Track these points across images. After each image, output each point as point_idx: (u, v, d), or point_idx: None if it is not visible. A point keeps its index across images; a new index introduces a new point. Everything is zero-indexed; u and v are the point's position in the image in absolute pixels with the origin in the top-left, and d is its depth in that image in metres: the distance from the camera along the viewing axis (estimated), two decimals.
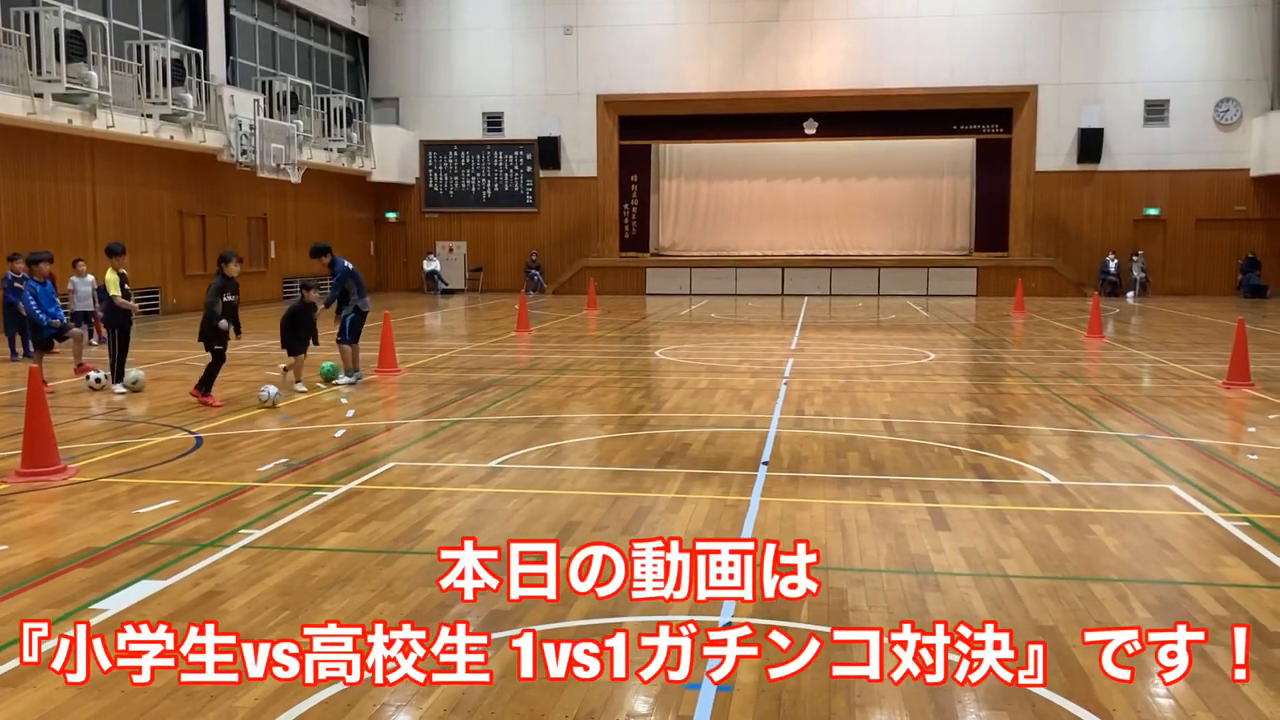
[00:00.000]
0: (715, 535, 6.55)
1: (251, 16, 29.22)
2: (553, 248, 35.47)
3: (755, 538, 6.43)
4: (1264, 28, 31.76)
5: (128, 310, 12.80)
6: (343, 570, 5.89)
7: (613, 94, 34.43)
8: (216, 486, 7.83)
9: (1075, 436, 9.86)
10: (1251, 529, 6.69)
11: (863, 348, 18.12)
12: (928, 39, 32.82)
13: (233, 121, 25.55)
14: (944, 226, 35.75)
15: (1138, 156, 32.74)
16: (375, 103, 35.57)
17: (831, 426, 10.36)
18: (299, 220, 31.42)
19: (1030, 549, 6.30)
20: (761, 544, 4.32)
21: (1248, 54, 31.97)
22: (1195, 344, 18.19)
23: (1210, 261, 33.11)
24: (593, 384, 13.52)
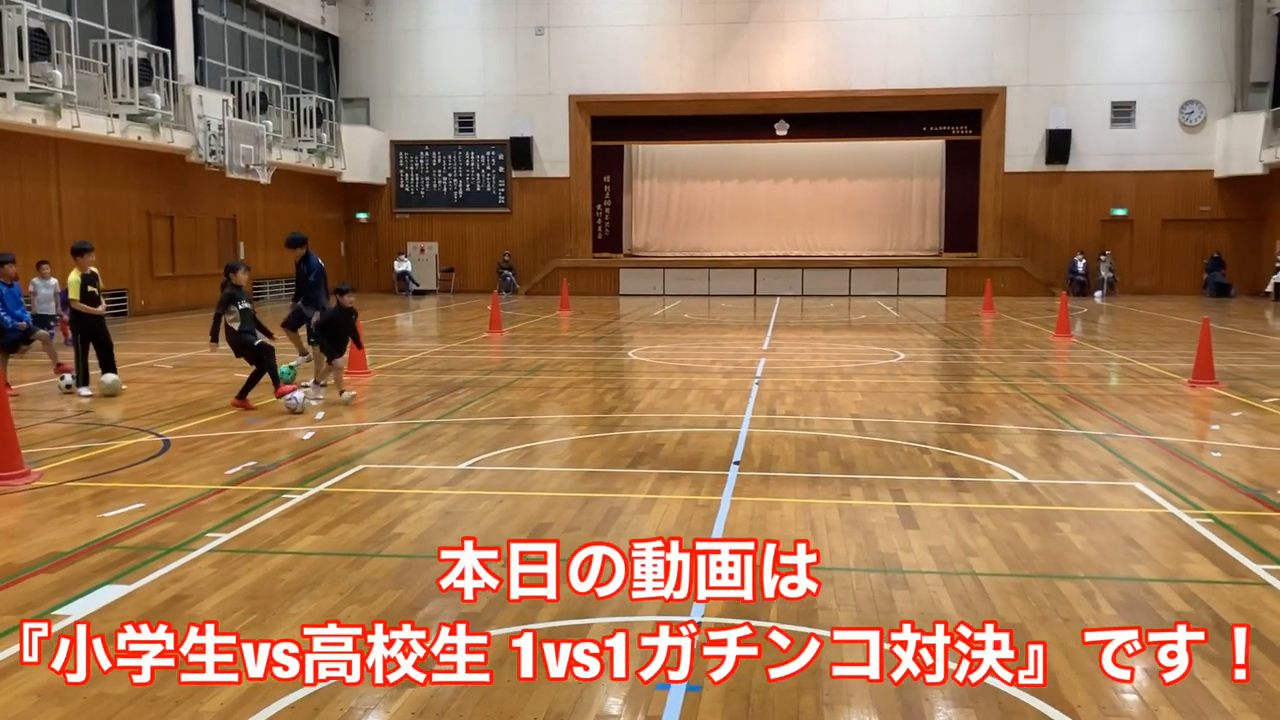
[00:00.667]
0: (687, 535, 6.56)
1: (220, 16, 29.00)
2: (525, 248, 35.41)
3: (755, 537, 6.45)
4: (1227, 31, 32.16)
5: (89, 313, 12.40)
6: (311, 573, 5.86)
7: (585, 94, 34.42)
8: (183, 490, 7.77)
9: (1043, 435, 9.95)
10: (1215, 525, 6.77)
11: (834, 348, 18.20)
12: (897, 41, 33.02)
13: (201, 122, 25.34)
14: (914, 227, 36.01)
15: (1105, 158, 33.09)
16: (345, 103, 35.39)
17: (802, 426, 10.40)
18: (269, 221, 31.20)
19: (998, 547, 6.34)
20: (762, 544, 4.33)
21: (1211, 57, 32.37)
22: (1162, 343, 18.39)
23: (1176, 261, 33.50)
24: (565, 385, 13.51)
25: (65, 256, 22.14)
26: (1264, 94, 32.10)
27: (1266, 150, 30.85)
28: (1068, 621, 5.11)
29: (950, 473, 8.35)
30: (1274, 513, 7.08)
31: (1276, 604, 5.36)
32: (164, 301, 26.08)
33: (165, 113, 23.96)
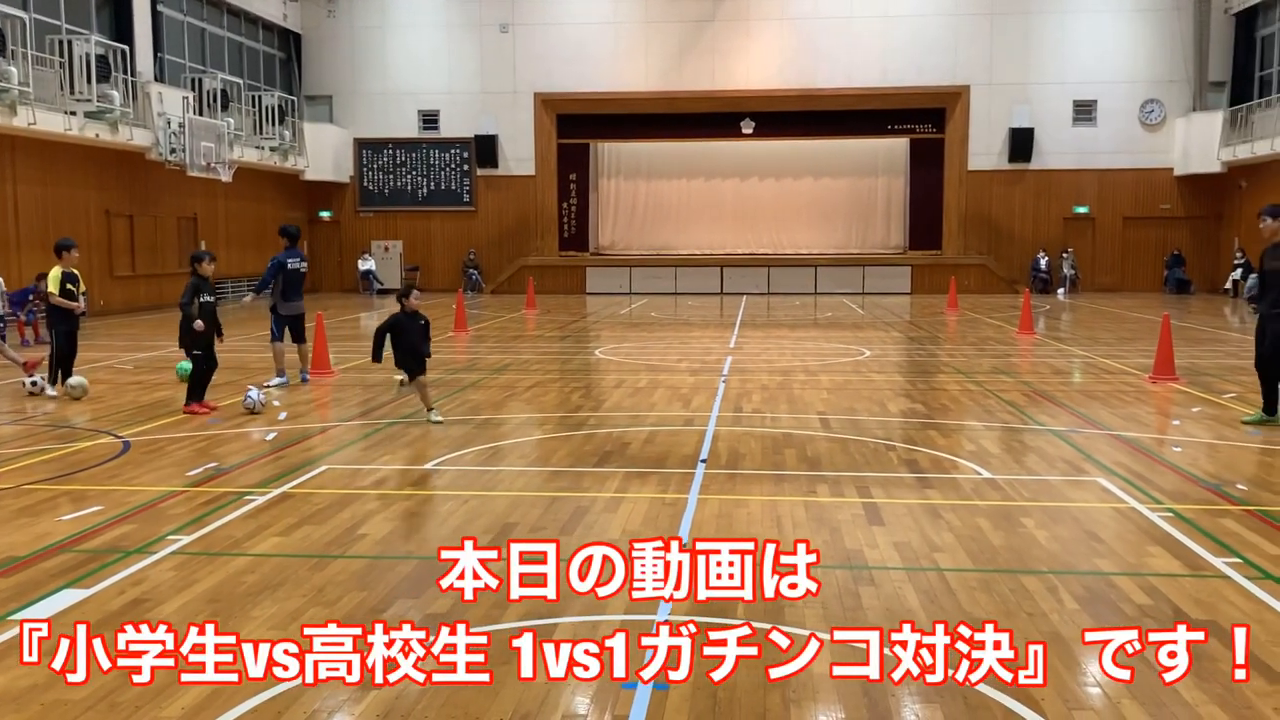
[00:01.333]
0: (653, 534, 6.55)
1: (180, 12, 28.65)
2: (491, 247, 35.28)
3: (754, 538, 6.44)
4: (1186, 31, 32.58)
5: (69, 310, 12.16)
6: (274, 575, 5.79)
7: (550, 92, 34.34)
8: (144, 492, 7.66)
9: (1007, 431, 10.02)
10: (1175, 519, 6.84)
11: (800, 345, 18.26)
12: (861, 40, 33.19)
13: (161, 119, 25.04)
14: (879, 225, 36.21)
15: (1067, 156, 33.43)
16: (308, 100, 35.09)
17: (769, 424, 10.42)
18: (230, 220, 30.89)
19: (963, 542, 6.38)
20: (762, 543, 4.32)
21: (1170, 57, 32.79)
22: (1123, 339, 18.59)
23: (1137, 258, 33.90)
24: (531, 384, 13.45)
25: (21, 256, 21.93)
26: (1222, 93, 32.55)
27: (1224, 149, 31.28)
28: (1032, 616, 5.14)
29: (915, 469, 8.39)
30: (1233, 506, 7.17)
31: (1235, 596, 5.42)
32: (124, 301, 25.74)
33: (124, 110, 23.65)
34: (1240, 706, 4.16)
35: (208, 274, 11.26)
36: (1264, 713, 4.13)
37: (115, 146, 24.25)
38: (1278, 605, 5.27)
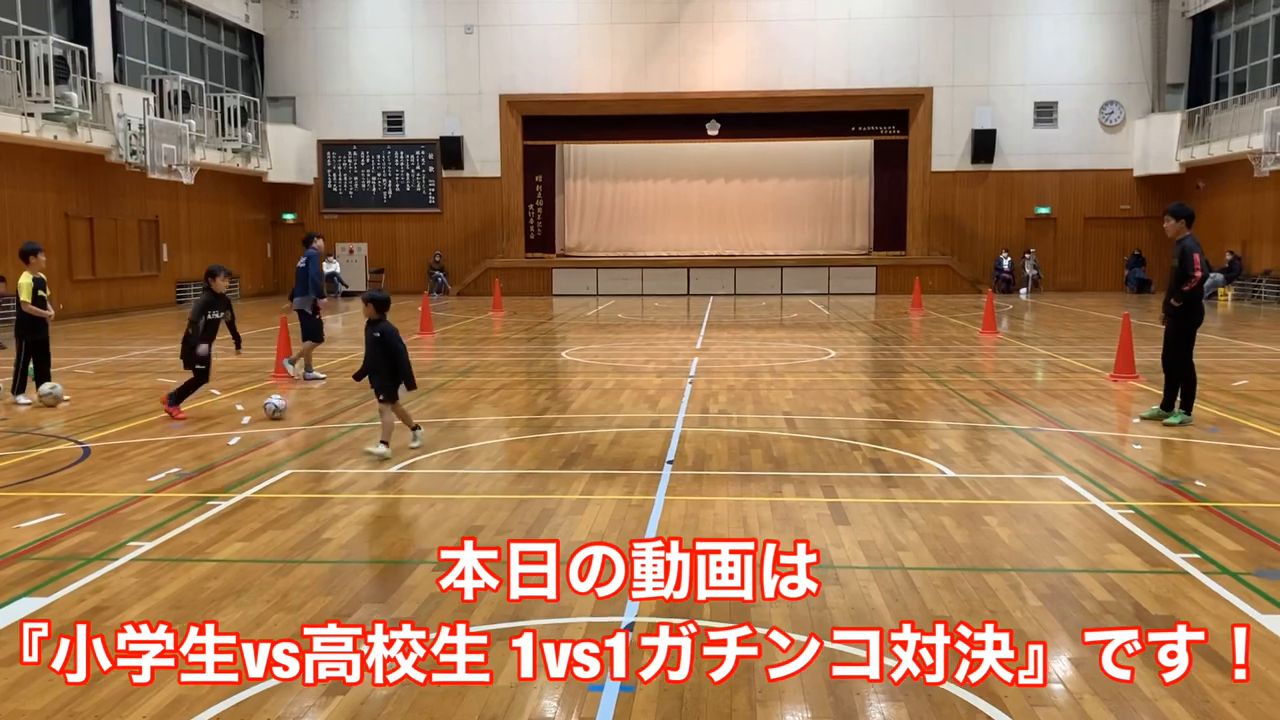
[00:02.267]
0: (620, 536, 6.55)
1: (139, 13, 28.33)
2: (457, 249, 35.14)
3: (755, 537, 6.44)
4: (1144, 34, 33.02)
5: (39, 317, 11.81)
6: (237, 581, 5.74)
7: (515, 94, 34.26)
8: (104, 498, 7.57)
9: (970, 430, 10.10)
10: (1136, 516, 6.93)
11: (766, 346, 18.32)
12: (825, 42, 33.37)
13: (121, 121, 24.75)
14: (844, 226, 36.42)
15: (1028, 157, 33.77)
16: (271, 102, 34.81)
17: (735, 424, 10.45)
18: (192, 222, 30.58)
19: (927, 541, 6.43)
20: (762, 543, 4.32)
21: (1129, 59, 33.22)
22: (1085, 338, 18.81)
23: (1098, 258, 34.31)
24: (498, 386, 13.42)
25: None
26: (1179, 95, 33.02)
27: (1182, 149, 31.73)
28: (995, 613, 5.19)
29: (880, 468, 8.44)
30: (1192, 503, 7.27)
31: (1194, 591, 5.50)
32: (84, 305, 25.41)
33: (83, 111, 23.35)
34: (1198, 700, 4.22)
35: (221, 290, 10.98)
36: (1221, 705, 4.19)
37: (74, 148, 23.95)
38: (1234, 600, 5.35)
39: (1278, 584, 5.58)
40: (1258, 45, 29.85)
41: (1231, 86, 30.92)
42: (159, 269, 28.99)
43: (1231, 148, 28.67)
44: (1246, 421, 10.33)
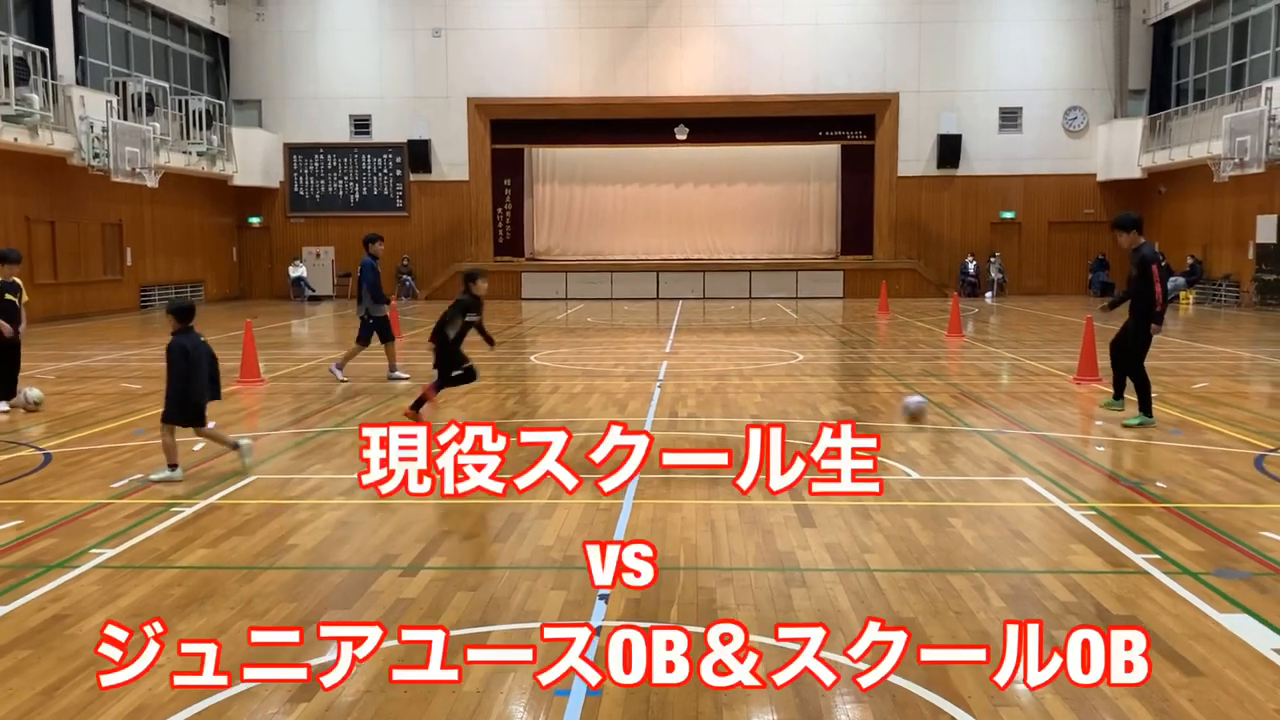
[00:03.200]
0: (588, 539, 6.56)
1: (102, 14, 28.04)
2: (425, 252, 35.01)
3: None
4: (1106, 41, 33.44)
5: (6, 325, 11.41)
6: (201, 588, 5.69)
7: (484, 98, 34.19)
8: (66, 505, 7.48)
9: (936, 433, 10.18)
10: (1098, 517, 7.01)
11: (735, 349, 18.38)
12: (792, 47, 33.54)
13: (84, 123, 24.48)
14: (811, 230, 36.61)
15: (993, 162, 34.09)
16: (237, 105, 34.55)
17: (704, 427, 10.48)
18: (157, 226, 30.29)
19: (892, 543, 6.48)
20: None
21: (1092, 65, 33.62)
22: (1049, 341, 19.00)
23: (1062, 262, 34.67)
24: (466, 390, 13.33)
25: None
26: (1141, 101, 33.45)
27: (1144, 155, 32.14)
28: (959, 614, 5.24)
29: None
30: (1153, 504, 7.37)
31: (1155, 592, 5.57)
32: (46, 310, 25.08)
33: (44, 114, 23.07)
34: (1157, 699, 4.28)
35: (481, 293, 10.70)
36: (1179, 704, 4.25)
37: (35, 151, 23.66)
38: (1194, 599, 5.43)
39: (1236, 584, 5.67)
40: (1216, 53, 30.30)
41: (1192, 93, 31.37)
42: (122, 273, 28.69)
43: (1192, 153, 29.08)
44: (1207, 423, 10.48)
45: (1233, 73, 29.18)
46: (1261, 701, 4.28)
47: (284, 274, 34.69)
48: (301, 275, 34.24)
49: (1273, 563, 6.02)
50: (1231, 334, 20.71)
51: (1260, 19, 28.04)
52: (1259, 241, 27.27)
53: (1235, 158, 25.55)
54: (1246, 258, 28.20)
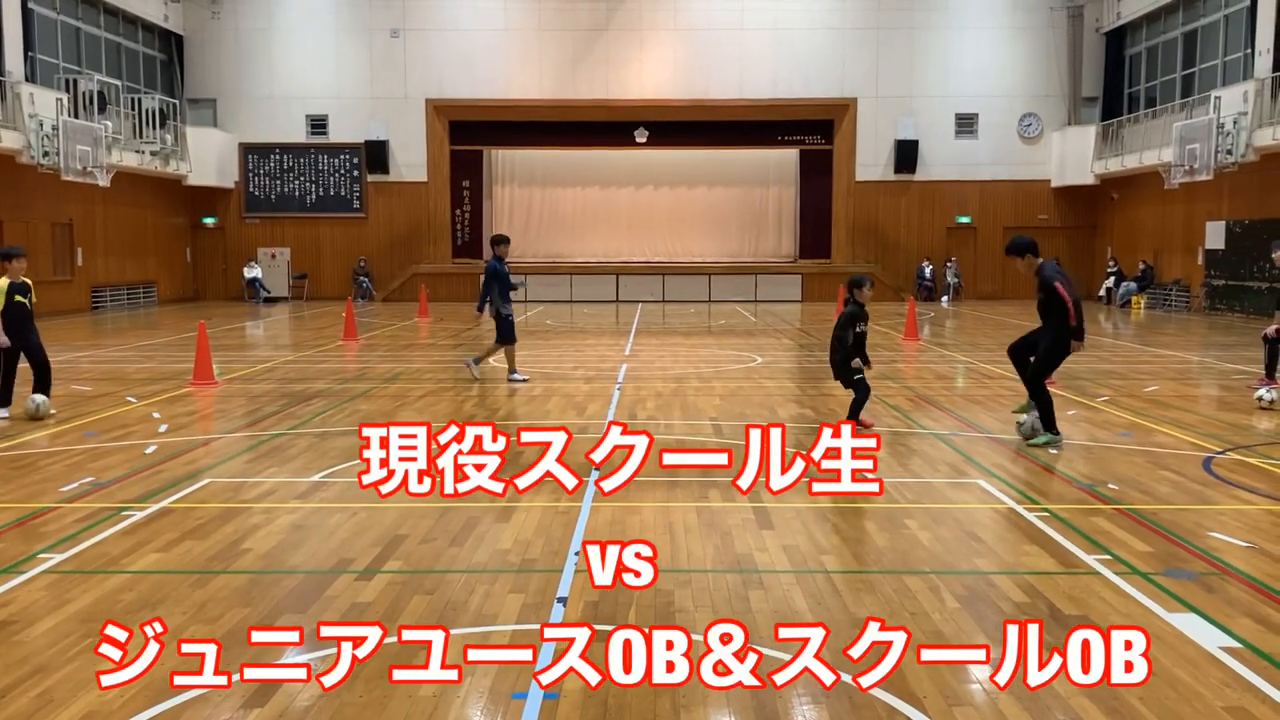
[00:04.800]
0: (546, 543, 6.54)
1: (53, 11, 27.59)
2: (382, 254, 34.78)
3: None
4: (1060, 48, 33.92)
5: (15, 329, 10.90)
6: (152, 593, 5.61)
7: (442, 99, 34.04)
8: (13, 509, 7.35)
9: (892, 435, 10.26)
10: (1051, 519, 7.10)
11: (694, 352, 18.42)
12: (752, 52, 33.70)
13: (33, 121, 24.07)
14: (770, 234, 36.80)
15: (950, 167, 34.45)
16: (191, 104, 34.13)
17: (663, 430, 10.48)
18: (108, 226, 29.85)
19: (849, 545, 6.52)
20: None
21: (1046, 73, 34.08)
22: (1003, 345, 19.15)
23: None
24: (424, 393, 13.30)
25: None
26: (1094, 108, 33.97)
27: (1097, 161, 32.64)
28: (914, 615, 5.28)
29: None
30: (1105, 506, 7.47)
31: (1105, 591, 5.65)
32: None
33: None
34: (1108, 698, 4.33)
35: (866, 300, 10.35)
36: (1130, 703, 4.31)
37: None
38: (1144, 599, 5.51)
39: (1185, 584, 5.76)
40: (1167, 61, 30.83)
41: (1143, 101, 31.89)
42: (73, 273, 28.23)
43: (1144, 160, 29.55)
44: (1157, 426, 10.65)
45: (1183, 81, 29.70)
46: (1209, 700, 4.35)
47: (239, 275, 34.31)
48: (257, 276, 33.88)
49: (1220, 563, 6.13)
50: (1181, 338, 21.06)
51: (1209, 29, 28.57)
52: (1208, 247, 27.77)
53: (1185, 165, 26.01)
54: (1196, 263, 28.70)
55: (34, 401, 11.02)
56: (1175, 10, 30.16)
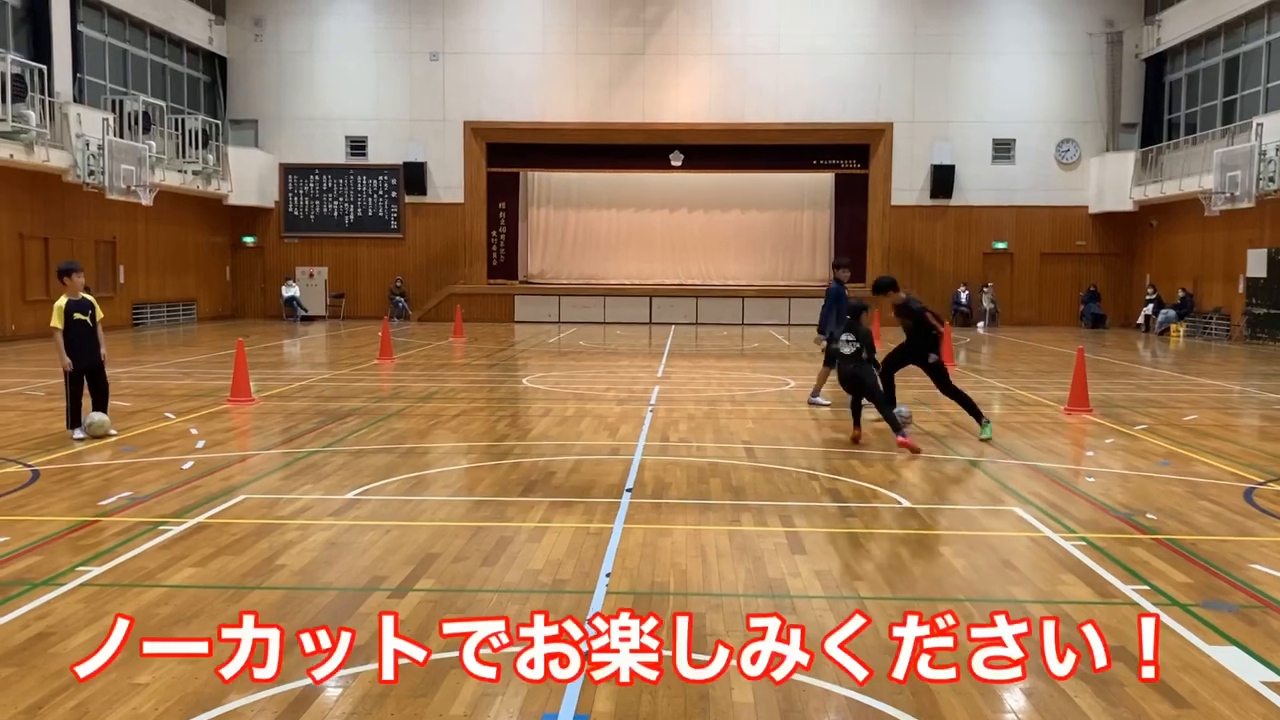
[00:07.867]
0: (577, 564, 6.54)
1: (101, 33, 28.15)
2: (418, 274, 35.05)
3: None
4: (1099, 74, 33.72)
5: (77, 346, 10.78)
6: (187, 607, 5.65)
7: (480, 121, 34.34)
8: (53, 522, 7.44)
9: (927, 461, 10.18)
10: (1088, 548, 7.00)
11: (727, 375, 18.39)
12: (788, 76, 33.76)
13: (80, 141, 24.52)
14: (805, 258, 36.74)
15: (986, 192, 34.27)
16: (233, 124, 34.65)
17: (695, 453, 10.46)
18: (150, 244, 30.30)
19: (882, 571, 6.46)
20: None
21: (1085, 98, 33.89)
22: (1040, 372, 19.04)
23: (1054, 293, 34.81)
24: (457, 412, 13.36)
25: None
26: (1133, 134, 33.72)
27: (1136, 188, 32.36)
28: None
29: (837, 498, 8.48)
30: (1143, 535, 7.37)
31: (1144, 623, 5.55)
32: (36, 326, 24.99)
33: (40, 130, 23.12)
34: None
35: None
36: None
37: (31, 168, 23.69)
38: (1183, 631, 5.42)
39: (1225, 616, 5.66)
40: (1208, 88, 30.57)
41: (1183, 127, 31.62)
42: (116, 290, 28.65)
43: (1183, 187, 29.28)
44: (1196, 455, 10.50)
45: (1224, 108, 29.44)
46: None
47: (277, 294, 34.68)
48: (294, 295, 34.23)
49: (1262, 595, 6.02)
50: (1222, 367, 20.78)
51: (1251, 55, 28.32)
52: (1249, 275, 27.42)
53: (1226, 192, 25.73)
54: (1237, 291, 28.34)
55: (91, 419, 10.94)
56: (1216, 37, 29.93)
